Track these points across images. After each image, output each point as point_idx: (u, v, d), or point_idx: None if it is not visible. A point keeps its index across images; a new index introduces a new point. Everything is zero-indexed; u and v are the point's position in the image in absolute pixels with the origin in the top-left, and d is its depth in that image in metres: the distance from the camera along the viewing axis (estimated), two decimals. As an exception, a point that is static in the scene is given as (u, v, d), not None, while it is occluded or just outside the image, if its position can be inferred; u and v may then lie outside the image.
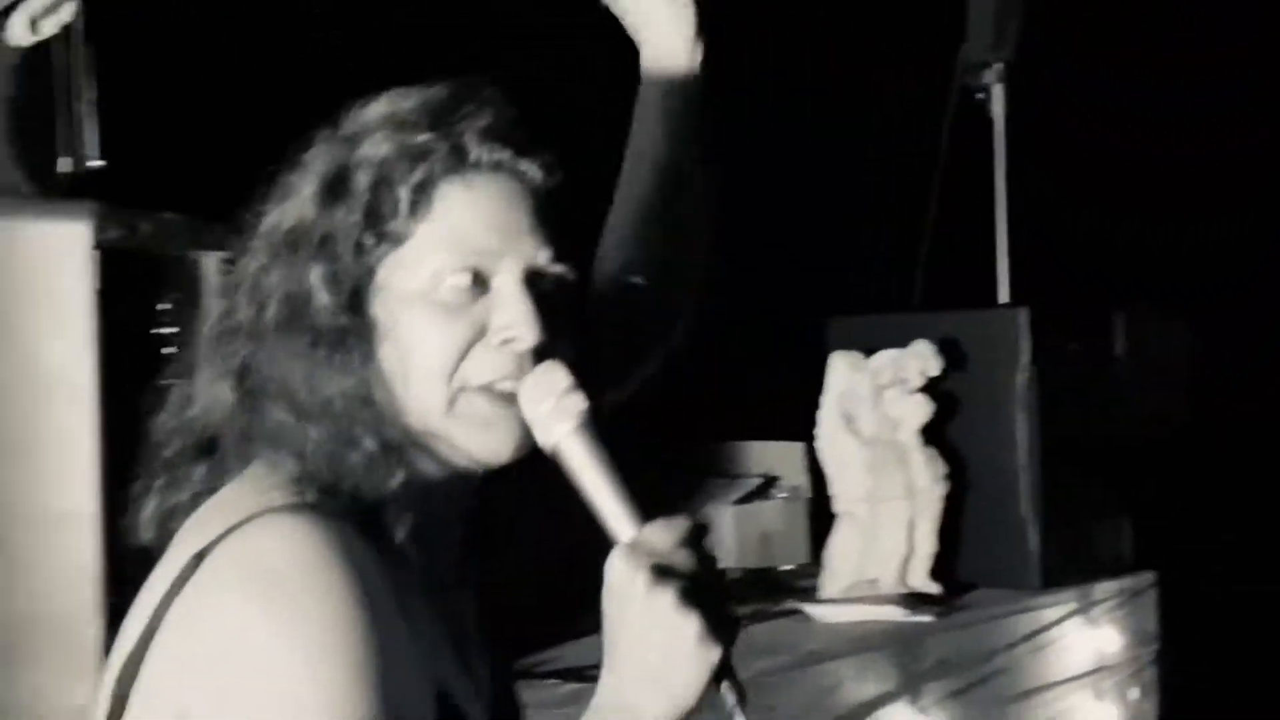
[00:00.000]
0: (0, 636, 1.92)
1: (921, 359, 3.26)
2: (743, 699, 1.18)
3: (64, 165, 2.64)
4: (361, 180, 1.24)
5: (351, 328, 1.23)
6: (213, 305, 1.31)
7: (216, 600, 1.15)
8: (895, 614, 3.09)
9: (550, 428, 1.21)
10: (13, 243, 1.98)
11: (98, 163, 2.57)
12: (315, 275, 1.23)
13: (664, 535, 1.18)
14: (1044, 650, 3.24)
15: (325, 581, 1.13)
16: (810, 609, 3.12)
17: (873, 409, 3.26)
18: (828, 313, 3.47)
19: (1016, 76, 3.53)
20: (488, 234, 1.24)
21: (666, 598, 1.15)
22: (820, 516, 3.62)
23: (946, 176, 3.76)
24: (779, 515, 3.75)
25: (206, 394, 1.26)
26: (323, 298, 1.23)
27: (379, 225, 1.23)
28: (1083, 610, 3.35)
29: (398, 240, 1.23)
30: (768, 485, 3.82)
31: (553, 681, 2.49)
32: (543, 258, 1.25)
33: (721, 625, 1.17)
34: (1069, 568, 3.37)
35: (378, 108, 1.28)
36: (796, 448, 3.83)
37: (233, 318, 1.26)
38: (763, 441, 3.96)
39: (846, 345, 3.30)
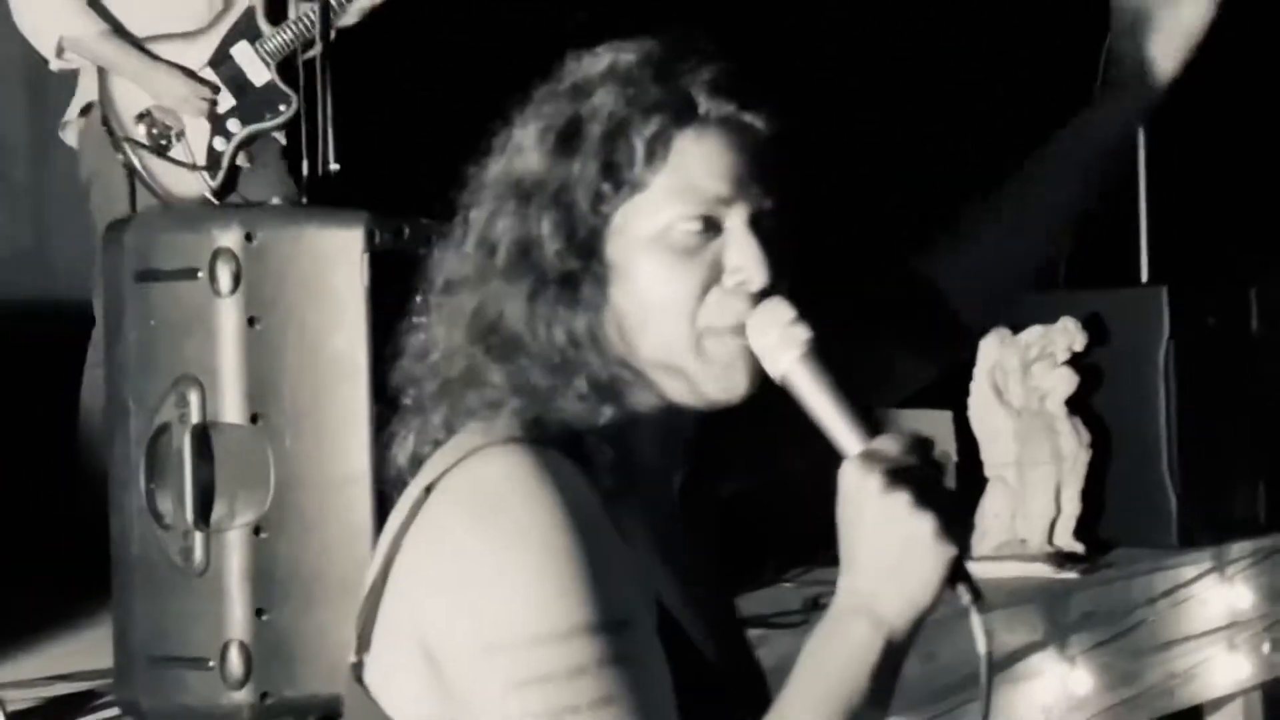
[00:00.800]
0: (299, 585, 2.18)
1: (1067, 334, 3.36)
2: (978, 598, 1.17)
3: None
4: (594, 131, 1.25)
5: (581, 270, 1.25)
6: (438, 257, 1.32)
7: (442, 526, 1.21)
8: (1043, 571, 3.21)
9: (778, 357, 1.24)
10: (298, 247, 2.22)
11: (334, 166, 2.88)
12: (548, 222, 1.25)
13: (894, 444, 1.19)
14: (1181, 605, 3.32)
15: (539, 502, 1.18)
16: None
17: (1021, 381, 3.37)
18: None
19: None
20: (718, 183, 1.26)
21: (902, 497, 1.15)
22: (965, 481, 3.80)
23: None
24: (927, 479, 3.91)
25: (442, 341, 1.29)
26: (554, 244, 1.25)
27: (616, 174, 1.25)
28: (1218, 569, 3.41)
29: (635, 188, 1.25)
30: (917, 450, 3.98)
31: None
32: (767, 202, 1.28)
33: (954, 525, 1.16)
34: (1205, 529, 3.46)
35: (599, 61, 1.29)
36: (945, 416, 3.99)
37: (462, 267, 1.29)
38: (913, 410, 4.14)
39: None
